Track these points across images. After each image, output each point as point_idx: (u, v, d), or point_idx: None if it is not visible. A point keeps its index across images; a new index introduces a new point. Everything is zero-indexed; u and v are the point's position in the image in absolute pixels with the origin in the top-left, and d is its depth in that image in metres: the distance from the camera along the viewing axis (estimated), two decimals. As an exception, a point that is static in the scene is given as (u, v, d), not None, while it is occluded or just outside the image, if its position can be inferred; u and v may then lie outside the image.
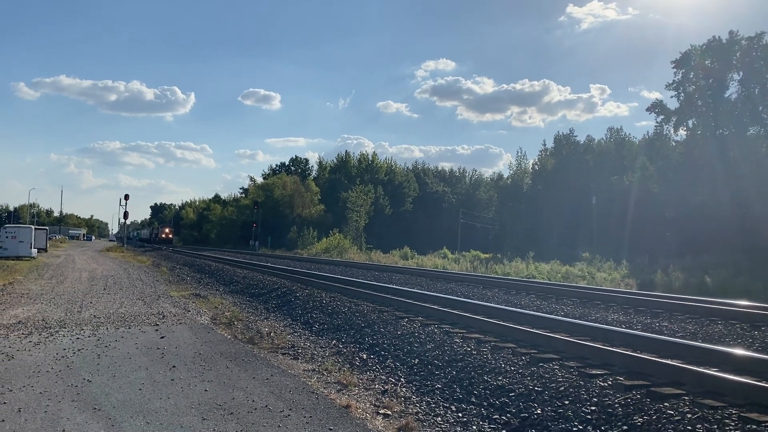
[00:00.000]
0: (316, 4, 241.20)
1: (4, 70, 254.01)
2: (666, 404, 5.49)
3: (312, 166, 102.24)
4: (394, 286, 17.21)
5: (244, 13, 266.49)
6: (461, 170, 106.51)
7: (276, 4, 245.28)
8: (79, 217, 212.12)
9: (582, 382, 6.37)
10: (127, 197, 59.97)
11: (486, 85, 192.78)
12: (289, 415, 5.89)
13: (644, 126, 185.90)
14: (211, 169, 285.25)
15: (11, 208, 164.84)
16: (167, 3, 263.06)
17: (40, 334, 9.95)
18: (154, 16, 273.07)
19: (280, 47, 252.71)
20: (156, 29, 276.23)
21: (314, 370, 8.15)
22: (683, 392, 5.76)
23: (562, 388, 6.34)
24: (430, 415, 6.26)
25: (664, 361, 6.65)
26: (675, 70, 46.76)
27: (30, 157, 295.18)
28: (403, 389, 7.18)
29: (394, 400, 6.69)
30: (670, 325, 11.11)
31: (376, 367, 8.31)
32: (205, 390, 6.70)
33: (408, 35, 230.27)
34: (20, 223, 68.75)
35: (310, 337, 10.74)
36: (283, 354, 9.16)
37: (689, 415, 5.19)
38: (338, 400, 6.50)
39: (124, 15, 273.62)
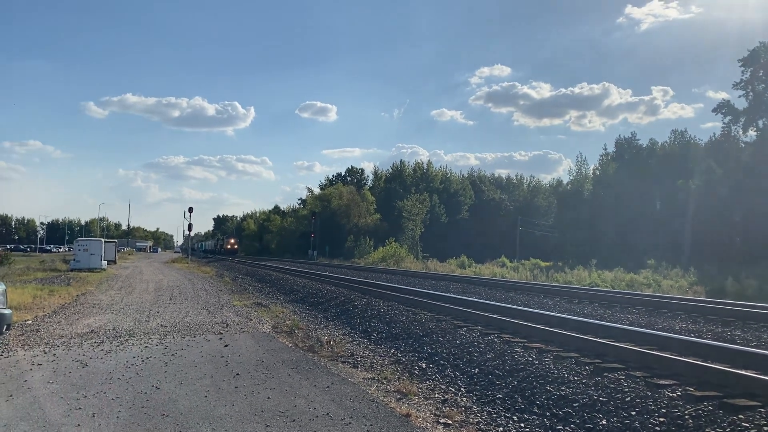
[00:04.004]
0: (369, 14, 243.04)
1: (75, 90, 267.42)
2: (741, 416, 5.26)
3: (367, 176, 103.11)
4: (452, 295, 17.11)
5: (299, 28, 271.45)
6: (519, 177, 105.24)
7: (330, 17, 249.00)
8: (146, 230, 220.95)
9: (649, 393, 6.18)
10: (191, 210, 62.63)
11: (543, 90, 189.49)
12: (350, 423, 5.93)
13: (710, 128, 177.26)
14: (271, 181, 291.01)
15: (83, 222, 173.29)
16: (226, 22, 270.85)
17: (111, 343, 10.36)
18: (213, 34, 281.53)
19: (335, 60, 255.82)
20: (216, 47, 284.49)
21: (374, 378, 8.18)
22: (759, 404, 5.50)
23: (628, 398, 6.16)
24: (491, 425, 6.18)
25: (737, 371, 6.37)
26: (742, 68, 45.14)
27: (100, 173, 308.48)
28: (464, 399, 7.12)
29: (455, 410, 6.64)
30: (743, 334, 10.63)
31: (436, 376, 8.28)
32: (268, 397, 6.83)
33: (461, 42, 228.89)
34: (91, 236, 71.86)
35: (369, 346, 10.78)
36: (343, 362, 9.23)
37: (766, 428, 4.95)
38: (398, 409, 6.50)
39: (186, 34, 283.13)
